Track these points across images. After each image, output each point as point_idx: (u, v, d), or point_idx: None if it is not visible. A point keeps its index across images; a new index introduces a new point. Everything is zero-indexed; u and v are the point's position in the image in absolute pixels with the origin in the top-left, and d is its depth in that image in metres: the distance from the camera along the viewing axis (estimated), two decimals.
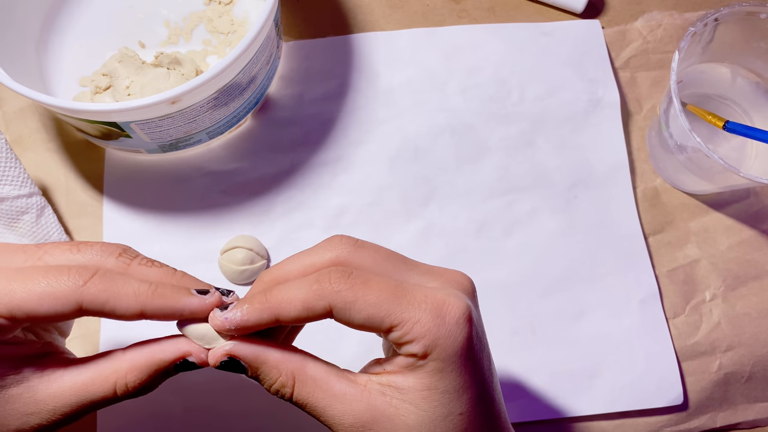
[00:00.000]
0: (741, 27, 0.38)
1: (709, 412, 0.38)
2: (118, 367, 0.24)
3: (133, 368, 0.24)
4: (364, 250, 0.26)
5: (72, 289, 0.23)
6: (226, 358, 0.24)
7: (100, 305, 0.23)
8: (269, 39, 0.36)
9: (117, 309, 0.23)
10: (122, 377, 0.24)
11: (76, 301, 0.23)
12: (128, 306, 0.23)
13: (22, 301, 0.23)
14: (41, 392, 0.24)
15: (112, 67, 0.39)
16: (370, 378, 0.25)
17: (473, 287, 0.26)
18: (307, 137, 0.41)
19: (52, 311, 0.23)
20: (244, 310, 0.24)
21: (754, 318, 0.39)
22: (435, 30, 0.44)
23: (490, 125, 0.42)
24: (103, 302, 0.23)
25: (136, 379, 0.24)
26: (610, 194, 0.41)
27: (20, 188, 0.37)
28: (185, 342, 0.25)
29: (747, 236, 0.41)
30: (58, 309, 0.23)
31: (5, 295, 0.23)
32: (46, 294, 0.23)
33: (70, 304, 0.23)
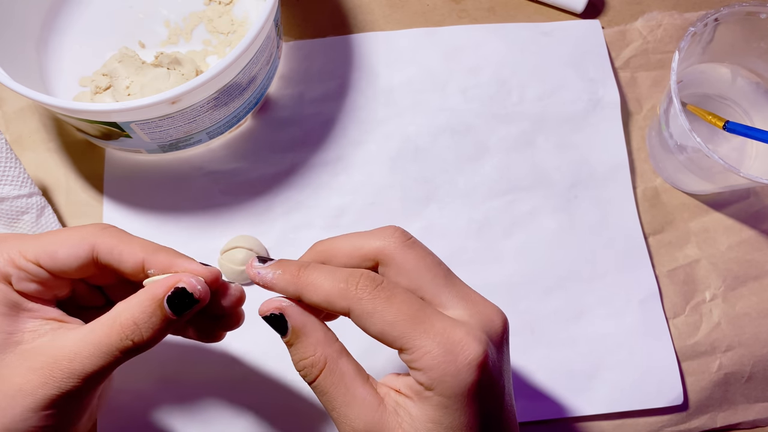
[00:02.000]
0: (741, 27, 0.38)
1: (709, 412, 0.38)
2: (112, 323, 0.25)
3: (127, 318, 0.25)
4: (411, 251, 0.26)
5: (89, 233, 0.26)
6: (277, 312, 0.25)
7: (109, 249, 0.26)
8: (269, 39, 0.36)
9: (123, 254, 0.26)
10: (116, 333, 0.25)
11: (90, 244, 0.26)
12: (133, 254, 0.26)
13: (48, 245, 0.26)
14: (58, 350, 0.25)
15: (112, 67, 0.39)
16: (389, 392, 0.25)
17: (504, 327, 0.26)
18: (307, 137, 0.41)
19: (69, 255, 0.26)
20: (276, 274, 0.25)
21: (754, 318, 0.39)
22: (435, 30, 0.44)
23: (490, 125, 0.42)
24: (112, 246, 0.26)
25: (131, 330, 0.25)
26: (610, 194, 0.41)
27: (20, 188, 0.37)
28: (176, 275, 0.26)
29: (747, 236, 0.41)
30: (74, 252, 0.26)
31: (34, 242, 0.26)
32: (68, 240, 0.26)
33: (85, 246, 0.26)
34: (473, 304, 0.25)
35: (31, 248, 0.26)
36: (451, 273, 0.26)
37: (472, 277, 0.39)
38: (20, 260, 0.26)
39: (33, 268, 0.26)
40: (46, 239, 0.26)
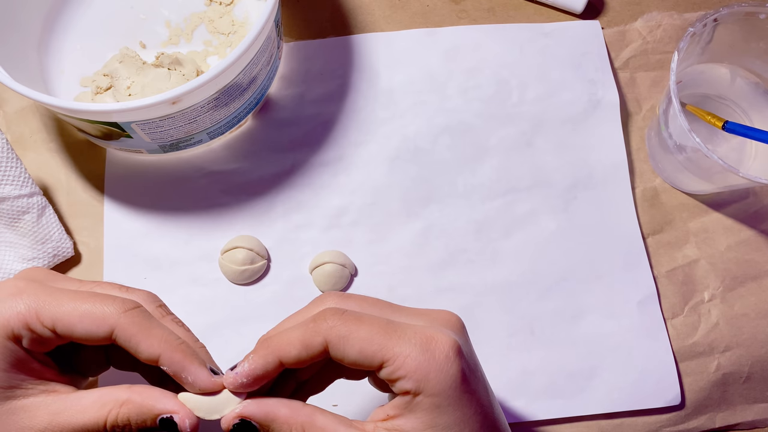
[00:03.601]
0: (740, 27, 0.38)
1: (707, 413, 0.38)
2: (117, 397, 0.25)
3: (128, 404, 0.25)
4: (350, 300, 0.27)
5: (111, 315, 0.25)
6: (237, 420, 0.25)
7: (128, 337, 0.25)
8: (270, 40, 0.36)
9: (140, 345, 0.25)
10: (115, 410, 0.25)
11: (110, 326, 0.25)
12: (150, 346, 0.25)
13: (66, 316, 0.25)
14: (44, 409, 0.25)
15: (113, 68, 0.39)
16: (376, 425, 0.25)
17: (461, 324, 0.27)
18: (308, 137, 0.41)
19: (87, 332, 0.25)
20: (251, 359, 0.25)
21: (752, 318, 0.39)
22: (435, 30, 0.44)
23: (489, 126, 0.42)
24: (131, 335, 0.25)
25: (125, 416, 0.25)
26: (609, 195, 0.41)
27: (21, 188, 0.37)
28: (179, 403, 0.25)
29: (746, 236, 0.41)
30: (92, 331, 0.25)
31: (54, 308, 0.25)
32: (89, 314, 0.25)
33: (105, 328, 0.25)
34: (426, 315, 0.27)
35: (49, 314, 0.25)
36: (394, 304, 0.27)
37: (471, 278, 0.39)
38: (35, 324, 0.25)
39: (46, 333, 0.25)
40: (66, 307, 0.25)
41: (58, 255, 0.38)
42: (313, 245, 0.39)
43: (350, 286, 0.39)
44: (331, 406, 0.36)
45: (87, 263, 0.39)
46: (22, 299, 0.25)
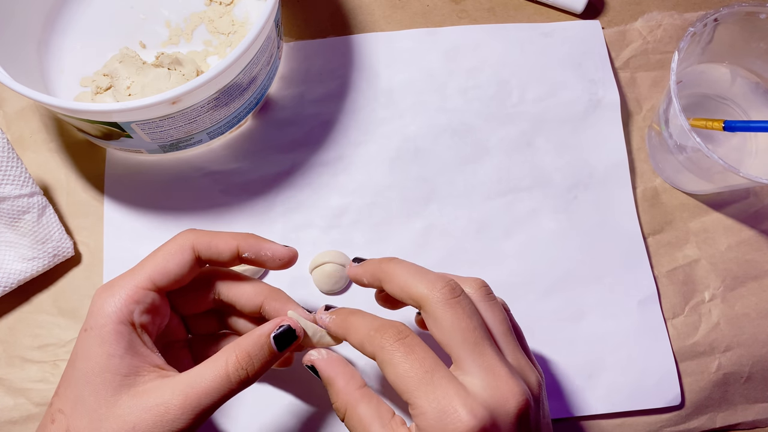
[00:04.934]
0: (740, 27, 0.38)
1: (708, 413, 0.38)
2: (228, 355, 0.28)
3: (242, 351, 0.28)
4: (450, 310, 0.27)
5: (184, 238, 0.30)
6: (309, 364, 0.30)
7: (207, 245, 0.30)
8: (270, 39, 0.36)
9: (219, 245, 0.30)
10: (233, 363, 0.28)
11: (190, 247, 0.29)
12: (227, 243, 0.30)
13: (158, 265, 0.29)
14: (169, 390, 0.27)
15: (113, 68, 0.39)
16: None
17: (520, 409, 0.26)
18: (308, 137, 0.41)
19: (179, 263, 0.29)
20: (332, 319, 0.30)
21: (753, 318, 0.39)
22: (435, 30, 0.44)
23: (490, 126, 0.42)
24: (208, 242, 0.30)
25: (246, 361, 0.28)
26: (609, 194, 0.41)
27: (21, 188, 0.37)
28: (280, 318, 0.30)
29: (746, 236, 0.41)
30: (181, 259, 0.29)
31: (146, 271, 0.29)
32: (170, 251, 0.29)
33: (188, 249, 0.29)
34: (494, 378, 0.26)
35: (143, 277, 0.29)
36: (485, 341, 0.27)
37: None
38: (139, 293, 0.28)
39: (150, 296, 0.29)
40: (151, 262, 0.29)
41: (58, 255, 0.38)
42: (313, 245, 0.39)
43: (350, 287, 0.39)
44: (331, 406, 0.36)
45: (87, 263, 0.39)
46: (119, 285, 0.28)
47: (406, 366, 0.26)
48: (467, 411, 0.25)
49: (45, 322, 0.38)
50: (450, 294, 0.27)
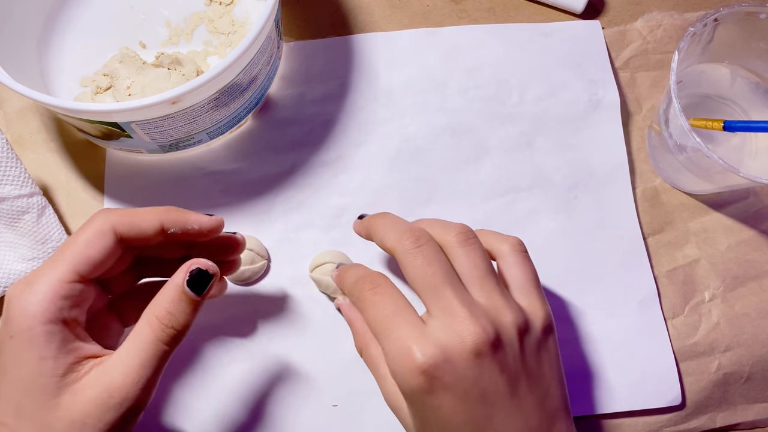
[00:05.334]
0: (740, 27, 0.38)
1: (708, 413, 0.38)
2: (149, 320, 0.27)
3: (161, 310, 0.28)
4: (412, 260, 0.30)
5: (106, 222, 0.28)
6: (338, 309, 0.37)
7: (128, 224, 0.28)
8: (270, 39, 0.36)
9: (141, 224, 0.29)
10: (157, 326, 0.27)
11: (111, 230, 0.28)
12: (149, 221, 0.29)
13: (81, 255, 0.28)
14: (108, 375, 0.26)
15: (113, 68, 0.39)
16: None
17: (474, 345, 0.27)
18: (308, 137, 0.41)
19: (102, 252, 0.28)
20: (334, 272, 0.35)
21: (753, 318, 0.39)
22: (435, 30, 0.44)
23: (490, 125, 0.42)
24: (129, 222, 0.28)
25: (169, 318, 0.27)
26: (609, 195, 0.41)
27: (21, 188, 0.37)
28: (189, 262, 0.28)
29: (746, 236, 0.41)
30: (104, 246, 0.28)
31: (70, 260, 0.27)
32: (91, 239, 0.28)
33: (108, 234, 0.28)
34: (451, 319, 0.28)
35: (66, 269, 0.27)
36: (445, 285, 0.29)
37: None
38: (65, 288, 0.27)
39: (77, 288, 0.27)
40: (72, 251, 0.28)
41: None
42: (313, 245, 0.39)
43: None
44: (331, 407, 0.36)
45: None
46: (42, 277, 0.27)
47: (374, 312, 0.29)
48: (419, 350, 0.27)
49: None
50: (413, 244, 0.30)
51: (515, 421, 0.28)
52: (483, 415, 0.27)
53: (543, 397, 0.29)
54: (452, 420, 0.27)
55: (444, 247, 0.30)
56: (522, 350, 0.29)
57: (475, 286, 0.29)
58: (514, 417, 0.28)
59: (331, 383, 0.37)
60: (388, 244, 0.31)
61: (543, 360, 0.30)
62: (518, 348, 0.29)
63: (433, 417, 0.28)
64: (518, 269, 0.31)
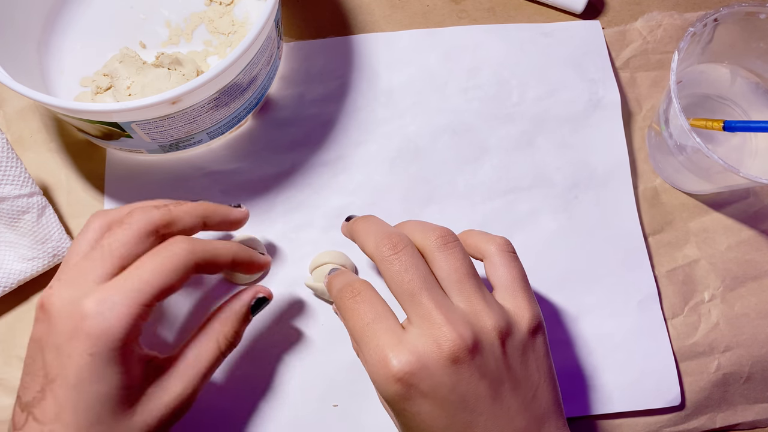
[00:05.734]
0: (740, 27, 0.38)
1: (708, 413, 0.38)
2: (218, 335, 0.31)
3: (230, 328, 0.31)
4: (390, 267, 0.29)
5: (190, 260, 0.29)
6: (336, 311, 0.36)
7: (210, 261, 0.30)
8: (270, 39, 0.36)
9: (218, 261, 0.30)
10: (223, 341, 0.31)
11: (194, 267, 0.29)
12: (225, 257, 0.31)
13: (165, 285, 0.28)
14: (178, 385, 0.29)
15: (113, 68, 0.39)
16: None
17: (451, 351, 0.27)
18: (308, 137, 0.41)
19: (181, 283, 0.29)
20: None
21: (752, 318, 0.39)
22: (435, 31, 0.44)
23: (490, 125, 0.42)
24: (211, 258, 0.30)
25: (232, 329, 0.31)
26: (610, 194, 0.41)
27: (21, 188, 0.37)
28: (255, 288, 0.33)
29: (746, 236, 0.41)
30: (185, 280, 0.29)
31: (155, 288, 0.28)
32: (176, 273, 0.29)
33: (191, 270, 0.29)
34: (429, 325, 0.28)
35: (150, 296, 0.27)
36: (422, 292, 0.28)
37: None
38: (145, 312, 0.28)
39: (152, 311, 0.28)
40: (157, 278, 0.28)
41: (58, 255, 0.38)
42: (313, 245, 0.39)
43: None
44: (331, 406, 0.36)
45: None
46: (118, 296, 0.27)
47: (353, 320, 0.29)
48: (395, 358, 0.27)
49: None
50: (390, 251, 0.29)
51: (499, 425, 0.28)
52: (463, 421, 0.27)
53: (530, 400, 0.29)
54: (432, 426, 0.27)
55: (424, 251, 0.30)
56: (504, 354, 0.28)
57: (454, 291, 0.29)
58: (498, 421, 0.28)
59: (331, 383, 0.37)
60: (367, 250, 0.31)
61: (529, 362, 0.29)
62: (500, 352, 0.28)
63: (413, 423, 0.28)
64: (504, 269, 0.31)
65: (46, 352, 0.27)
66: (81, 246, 0.29)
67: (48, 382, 0.27)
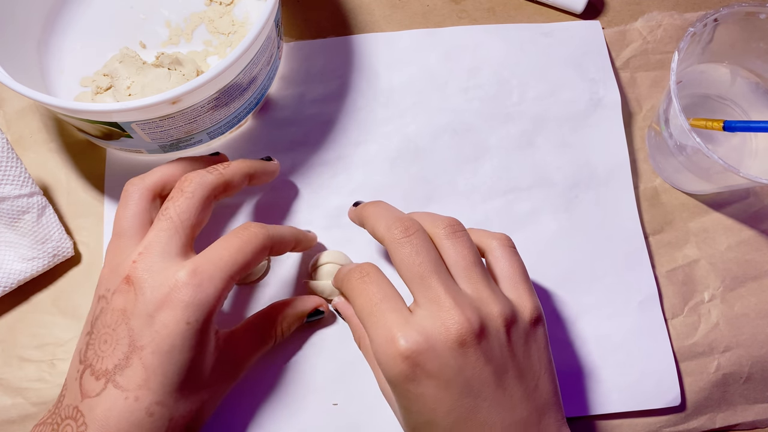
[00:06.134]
0: (740, 27, 0.38)
1: (708, 413, 0.38)
2: (277, 331, 0.34)
3: (286, 317, 0.35)
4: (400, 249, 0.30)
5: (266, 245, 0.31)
6: (334, 309, 0.37)
7: (277, 247, 0.32)
8: (270, 39, 0.36)
9: (284, 245, 0.33)
10: (278, 328, 0.34)
11: (267, 251, 0.32)
12: (290, 241, 0.34)
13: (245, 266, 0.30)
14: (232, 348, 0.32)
15: (113, 68, 0.39)
16: None
17: (459, 334, 0.28)
18: (308, 137, 0.41)
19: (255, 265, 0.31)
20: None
21: (752, 319, 0.39)
22: (435, 31, 0.44)
23: (490, 125, 0.42)
24: (279, 243, 0.32)
25: (288, 326, 0.35)
26: (610, 194, 0.41)
27: (21, 188, 0.37)
28: (317, 299, 0.36)
29: (746, 236, 0.41)
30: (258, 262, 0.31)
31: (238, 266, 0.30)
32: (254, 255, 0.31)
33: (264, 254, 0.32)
34: (437, 308, 0.28)
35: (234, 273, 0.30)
36: (432, 275, 0.29)
37: None
38: (230, 287, 0.30)
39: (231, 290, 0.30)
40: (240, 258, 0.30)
41: (58, 255, 0.38)
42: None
43: None
44: (331, 405, 0.36)
45: (87, 263, 0.39)
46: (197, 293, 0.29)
47: (361, 300, 0.30)
48: (403, 337, 0.27)
49: (44, 322, 0.38)
50: (402, 234, 0.30)
51: (501, 412, 0.28)
52: (467, 406, 0.27)
53: (532, 390, 0.29)
54: (435, 409, 0.28)
55: (433, 239, 0.31)
56: (509, 341, 0.29)
57: (462, 277, 0.30)
58: (500, 409, 0.28)
59: (331, 383, 0.37)
60: (378, 233, 0.32)
61: (532, 352, 0.30)
62: (505, 339, 0.29)
63: (416, 405, 0.28)
64: (506, 262, 0.32)
65: (132, 321, 0.28)
66: (128, 219, 0.31)
67: (135, 350, 0.28)
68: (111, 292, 0.29)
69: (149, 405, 0.27)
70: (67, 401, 0.28)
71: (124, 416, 0.27)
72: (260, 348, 0.34)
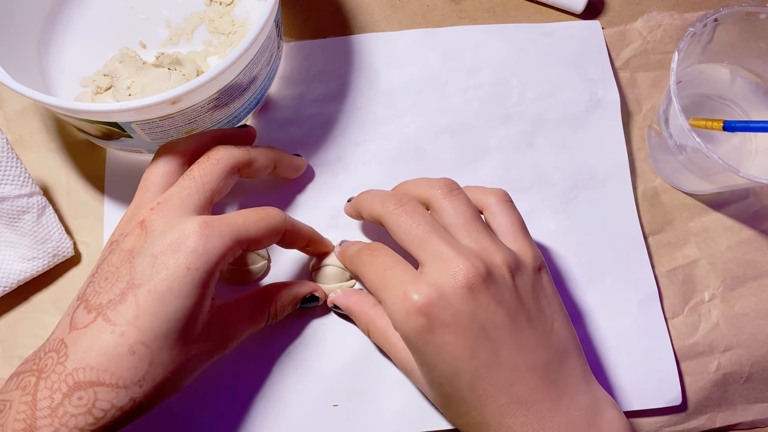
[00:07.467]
0: (740, 27, 0.38)
1: (708, 413, 0.38)
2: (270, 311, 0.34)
3: (281, 298, 0.35)
4: (395, 219, 0.31)
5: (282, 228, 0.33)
6: (332, 305, 0.37)
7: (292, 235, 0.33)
8: (270, 39, 0.36)
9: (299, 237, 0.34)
10: (273, 307, 0.34)
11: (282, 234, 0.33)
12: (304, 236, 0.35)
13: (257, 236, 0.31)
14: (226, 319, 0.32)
15: (113, 68, 0.39)
16: None
17: (467, 276, 0.28)
18: (308, 137, 0.41)
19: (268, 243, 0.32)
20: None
21: (752, 318, 0.39)
22: (435, 30, 0.44)
23: (490, 125, 0.42)
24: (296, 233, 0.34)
25: (282, 307, 0.35)
26: (610, 194, 0.41)
27: (21, 188, 0.37)
28: (313, 284, 0.36)
29: (746, 236, 0.41)
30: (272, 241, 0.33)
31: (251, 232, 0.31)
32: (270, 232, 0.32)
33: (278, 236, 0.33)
34: (441, 261, 0.29)
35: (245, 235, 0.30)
36: (430, 234, 0.30)
37: None
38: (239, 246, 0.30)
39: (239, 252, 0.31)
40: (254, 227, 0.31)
41: (58, 255, 0.38)
42: None
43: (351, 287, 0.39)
44: (331, 406, 0.36)
45: (87, 263, 0.39)
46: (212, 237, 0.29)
47: (372, 271, 0.32)
48: (415, 291, 0.28)
49: (45, 322, 0.38)
50: (395, 206, 0.32)
51: (523, 355, 0.28)
52: (487, 350, 0.28)
53: (547, 335, 0.30)
54: (457, 357, 0.28)
55: (430, 201, 0.32)
56: (516, 287, 0.30)
57: (461, 232, 0.31)
58: (521, 351, 0.28)
59: (331, 383, 0.37)
60: (374, 211, 0.33)
61: (540, 298, 0.30)
62: (512, 285, 0.29)
63: (438, 359, 0.29)
64: (504, 217, 0.33)
65: (137, 260, 0.28)
66: (155, 176, 0.32)
67: (132, 287, 0.28)
68: (124, 235, 0.30)
69: (133, 343, 0.27)
70: (54, 335, 0.28)
71: (105, 349, 0.27)
72: (251, 324, 0.33)
